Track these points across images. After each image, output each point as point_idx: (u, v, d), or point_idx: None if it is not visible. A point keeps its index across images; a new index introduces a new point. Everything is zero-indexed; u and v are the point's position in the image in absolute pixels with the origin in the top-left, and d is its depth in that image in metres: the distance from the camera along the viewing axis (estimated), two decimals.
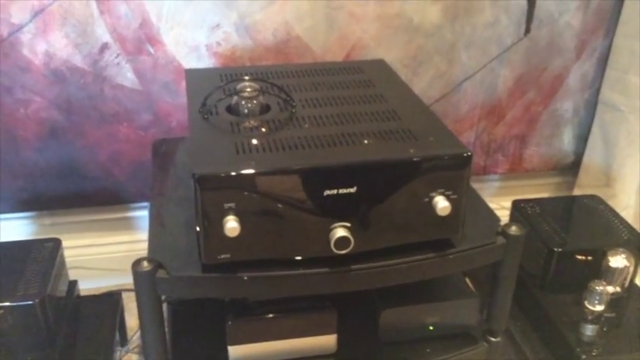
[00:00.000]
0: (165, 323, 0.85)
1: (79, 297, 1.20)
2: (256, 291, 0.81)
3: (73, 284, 1.17)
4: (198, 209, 0.75)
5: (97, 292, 1.28)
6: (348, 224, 0.78)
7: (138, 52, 1.26)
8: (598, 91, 1.54)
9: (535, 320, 1.20)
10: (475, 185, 1.60)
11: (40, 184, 1.33)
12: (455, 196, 0.81)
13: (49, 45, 1.20)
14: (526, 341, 1.18)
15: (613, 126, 1.53)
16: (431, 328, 0.97)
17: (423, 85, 1.43)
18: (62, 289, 1.12)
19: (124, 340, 1.31)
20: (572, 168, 1.65)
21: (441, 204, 0.80)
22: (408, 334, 0.96)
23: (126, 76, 1.27)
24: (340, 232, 0.78)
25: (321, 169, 0.76)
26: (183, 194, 0.98)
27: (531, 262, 1.23)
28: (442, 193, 0.80)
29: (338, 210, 0.78)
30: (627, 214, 1.59)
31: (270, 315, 0.91)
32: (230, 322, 0.89)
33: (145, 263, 0.79)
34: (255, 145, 0.80)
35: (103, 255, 1.46)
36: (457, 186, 0.81)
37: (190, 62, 1.28)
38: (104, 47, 1.23)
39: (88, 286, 1.28)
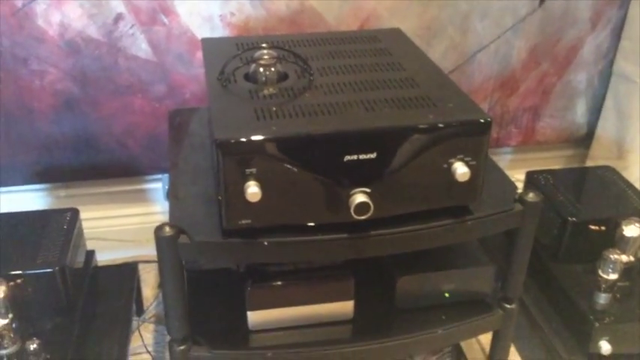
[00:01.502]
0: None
1: (96, 267, 1.22)
2: (276, 256, 0.82)
3: (90, 254, 1.19)
4: (220, 175, 0.76)
5: (112, 263, 1.30)
6: (368, 190, 0.79)
7: (152, 23, 1.25)
8: (612, 62, 1.53)
9: (548, 290, 1.21)
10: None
11: (55, 156, 1.34)
12: (474, 163, 0.81)
13: (63, 15, 1.20)
14: (539, 311, 1.19)
15: (627, 98, 1.53)
16: (447, 295, 0.98)
17: (437, 56, 1.42)
18: (80, 258, 1.14)
19: (140, 310, 1.33)
20: (585, 140, 1.65)
21: (461, 170, 0.80)
22: (424, 301, 0.97)
23: (140, 47, 1.27)
24: (360, 197, 0.78)
25: (342, 134, 0.77)
26: (201, 163, 0.98)
27: (545, 232, 1.24)
28: (462, 159, 0.81)
29: (358, 176, 0.78)
30: (639, 186, 1.59)
31: (289, 281, 0.92)
32: (250, 288, 0.90)
33: (167, 229, 0.80)
34: (275, 111, 0.81)
35: (118, 227, 1.48)
36: (477, 152, 0.81)
37: (204, 33, 1.28)
38: (119, 18, 1.23)
39: (103, 257, 1.30)
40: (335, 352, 0.91)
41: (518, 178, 1.47)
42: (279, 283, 0.92)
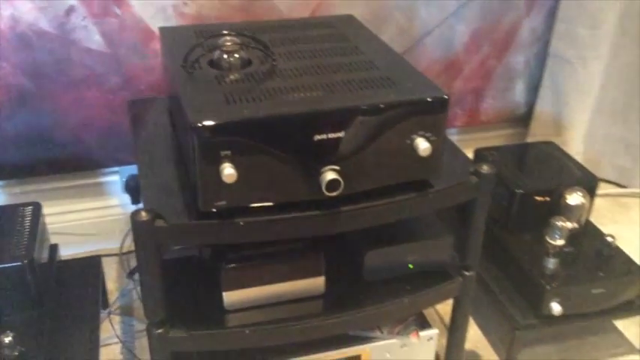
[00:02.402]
0: None
1: (61, 261, 1.21)
2: (253, 235, 0.85)
3: (54, 248, 1.18)
4: (195, 158, 0.78)
5: (75, 257, 1.29)
6: (338, 167, 0.83)
7: (104, 14, 1.25)
8: (548, 44, 1.63)
9: (500, 260, 1.28)
10: None
11: (9, 151, 1.32)
12: (434, 138, 0.86)
13: (14, 9, 1.18)
14: (493, 280, 1.26)
15: (562, 77, 1.62)
16: (411, 266, 1.03)
17: (386, 41, 1.46)
18: (45, 252, 1.13)
19: (105, 304, 1.32)
20: (524, 119, 1.75)
21: (423, 145, 0.85)
22: (390, 273, 1.02)
23: (93, 39, 1.26)
24: (330, 175, 0.82)
25: (312, 114, 0.80)
26: (167, 151, 1.00)
27: (495, 205, 1.31)
28: (423, 135, 0.85)
29: (328, 154, 0.82)
30: (577, 160, 1.70)
31: (262, 261, 0.95)
32: (224, 269, 0.93)
33: (144, 213, 0.81)
34: (244, 95, 0.83)
35: (76, 221, 1.46)
36: (436, 128, 0.86)
37: (157, 23, 1.29)
38: (70, 10, 1.22)
39: (63, 252, 1.29)
40: (309, 325, 0.95)
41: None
42: (253, 263, 0.95)
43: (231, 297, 0.94)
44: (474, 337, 1.32)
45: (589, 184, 1.29)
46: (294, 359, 1.01)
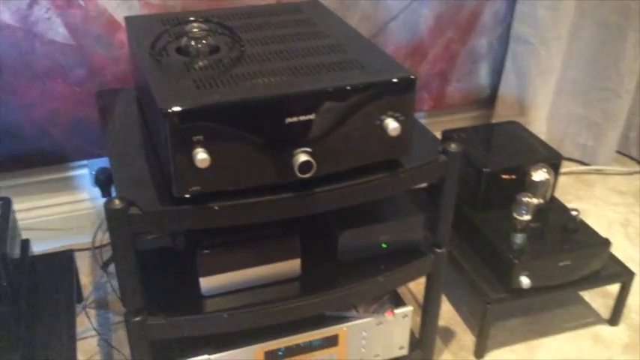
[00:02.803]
0: None
1: (33, 256, 1.20)
2: (228, 219, 0.86)
3: (26, 243, 1.17)
4: (168, 144, 0.78)
5: (47, 252, 1.28)
6: (309, 149, 0.84)
7: (68, 6, 1.24)
8: (510, 26, 1.66)
9: (470, 238, 1.31)
10: None
11: None
12: (403, 118, 0.88)
13: None
14: (463, 257, 1.29)
15: (524, 58, 1.66)
16: (384, 245, 1.05)
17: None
18: (17, 248, 1.12)
19: (79, 298, 1.32)
20: (489, 101, 1.78)
21: (392, 125, 0.87)
22: (364, 253, 1.04)
23: (57, 31, 1.25)
24: (303, 157, 0.83)
25: (283, 97, 0.81)
26: (136, 140, 1.00)
27: (463, 185, 1.34)
28: (392, 116, 0.87)
29: (299, 136, 0.83)
30: (541, 139, 1.74)
31: (237, 246, 0.96)
32: (200, 255, 0.94)
33: (117, 201, 0.81)
34: (214, 80, 0.84)
35: (46, 217, 1.45)
36: (405, 108, 0.88)
37: (122, 13, 1.28)
38: (33, 2, 1.21)
39: (34, 248, 1.27)
40: (286, 308, 0.97)
41: None
42: (228, 248, 0.95)
43: (207, 282, 0.95)
44: (448, 314, 1.35)
45: (553, 161, 1.33)
46: (272, 341, 1.02)
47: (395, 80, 0.86)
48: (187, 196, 0.82)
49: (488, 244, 1.25)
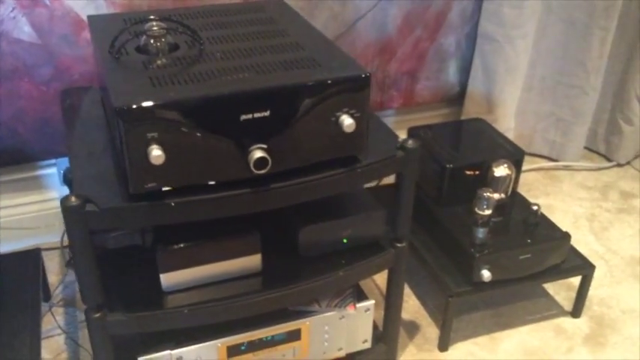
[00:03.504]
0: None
1: (0, 255, 1.21)
2: (184, 216, 0.87)
3: None
4: (123, 141, 0.79)
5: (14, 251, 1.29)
6: (265, 146, 0.85)
7: (34, 5, 1.24)
8: (477, 24, 1.68)
9: (434, 232, 1.33)
10: None
11: None
12: (358, 115, 0.90)
13: None
14: (427, 252, 1.31)
15: (491, 56, 1.69)
16: (345, 240, 1.06)
17: (319, 26, 1.48)
18: None
19: (47, 296, 1.32)
20: (458, 99, 1.80)
21: (347, 122, 0.88)
22: (325, 248, 1.06)
23: (23, 30, 1.25)
24: (258, 153, 0.84)
25: (236, 95, 0.82)
26: (98, 139, 1.01)
27: (427, 181, 1.37)
28: (347, 112, 0.89)
29: (255, 133, 0.85)
30: (508, 136, 1.77)
31: (197, 242, 0.97)
32: (160, 251, 0.95)
33: (74, 198, 0.82)
34: (170, 78, 0.85)
35: (14, 216, 1.45)
36: (360, 105, 0.89)
37: (89, 12, 1.28)
38: None
39: (3, 249, 1.28)
40: (247, 302, 0.98)
41: (402, 137, 1.58)
42: (188, 244, 0.97)
43: (168, 278, 0.96)
44: (414, 307, 1.37)
45: (516, 157, 1.35)
46: (235, 336, 1.04)
47: (349, 77, 0.88)
48: (144, 192, 0.83)
49: (451, 239, 1.27)
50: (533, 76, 1.80)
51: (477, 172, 1.32)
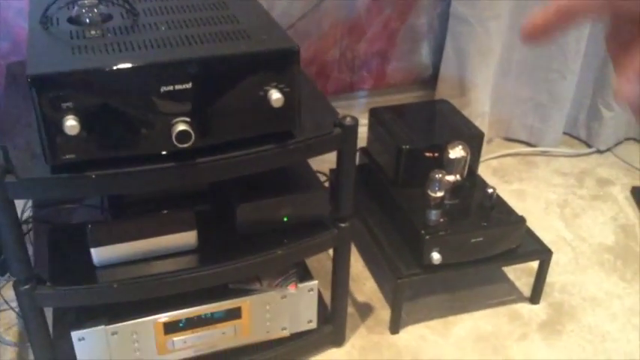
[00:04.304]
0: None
1: None
2: (105, 188, 0.86)
3: None
4: (37, 111, 0.78)
5: None
6: (188, 119, 0.84)
7: None
8: (449, 5, 1.65)
9: (390, 213, 1.32)
10: (344, 102, 1.70)
11: None
12: (288, 89, 0.88)
13: None
14: (382, 232, 1.30)
15: (464, 38, 1.65)
16: (285, 219, 1.05)
17: (285, 4, 1.48)
18: None
19: (3, 270, 1.32)
20: (431, 81, 1.77)
21: (275, 96, 0.86)
22: (265, 227, 1.04)
23: None
24: (180, 126, 0.83)
25: (153, 65, 0.81)
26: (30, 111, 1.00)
27: (386, 162, 1.35)
28: (275, 87, 0.87)
29: (177, 106, 0.83)
30: (482, 121, 1.74)
31: (129, 216, 0.96)
32: (90, 226, 0.94)
33: None
34: (93, 47, 0.83)
35: None
36: (289, 79, 0.87)
37: None
38: None
39: None
40: (181, 278, 0.97)
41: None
42: (120, 218, 0.96)
43: (99, 253, 0.95)
44: (370, 289, 1.36)
45: (475, 139, 1.33)
46: (172, 312, 1.03)
47: (276, 50, 0.86)
48: (62, 164, 0.82)
49: (405, 221, 1.25)
50: (510, 59, 1.76)
51: (436, 154, 1.30)
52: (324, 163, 1.01)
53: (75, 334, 0.98)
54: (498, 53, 1.70)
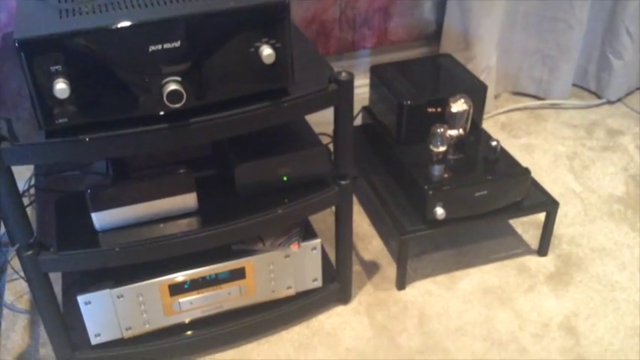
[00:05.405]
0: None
1: None
2: (100, 152, 0.86)
3: None
4: (27, 76, 0.78)
5: None
6: (179, 78, 0.83)
7: None
8: None
9: (393, 170, 1.31)
10: (347, 62, 1.68)
11: None
12: (279, 45, 0.86)
13: None
14: (386, 189, 1.29)
15: None
16: (285, 178, 1.05)
17: None
18: None
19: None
20: (435, 37, 1.74)
21: (266, 52, 0.85)
22: (265, 187, 1.04)
23: None
24: (171, 86, 0.82)
25: (141, 24, 0.79)
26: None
27: (389, 119, 1.33)
28: (267, 42, 0.86)
29: (166, 65, 0.82)
30: (488, 75, 1.71)
31: (129, 180, 0.96)
32: (90, 190, 0.94)
33: None
34: (80, 10, 0.83)
35: None
36: (280, 34, 0.86)
37: None
38: None
39: None
40: (182, 240, 0.97)
41: None
42: (119, 182, 0.96)
43: (100, 218, 0.96)
44: (376, 247, 1.36)
45: (478, 92, 1.30)
46: (176, 274, 1.04)
47: (263, 4, 0.84)
48: (56, 129, 0.82)
49: (408, 177, 1.24)
50: (516, 11, 1.72)
51: (439, 109, 1.28)
52: (330, 125, 1.00)
53: (81, 298, 0.99)
54: (503, 4, 1.66)
